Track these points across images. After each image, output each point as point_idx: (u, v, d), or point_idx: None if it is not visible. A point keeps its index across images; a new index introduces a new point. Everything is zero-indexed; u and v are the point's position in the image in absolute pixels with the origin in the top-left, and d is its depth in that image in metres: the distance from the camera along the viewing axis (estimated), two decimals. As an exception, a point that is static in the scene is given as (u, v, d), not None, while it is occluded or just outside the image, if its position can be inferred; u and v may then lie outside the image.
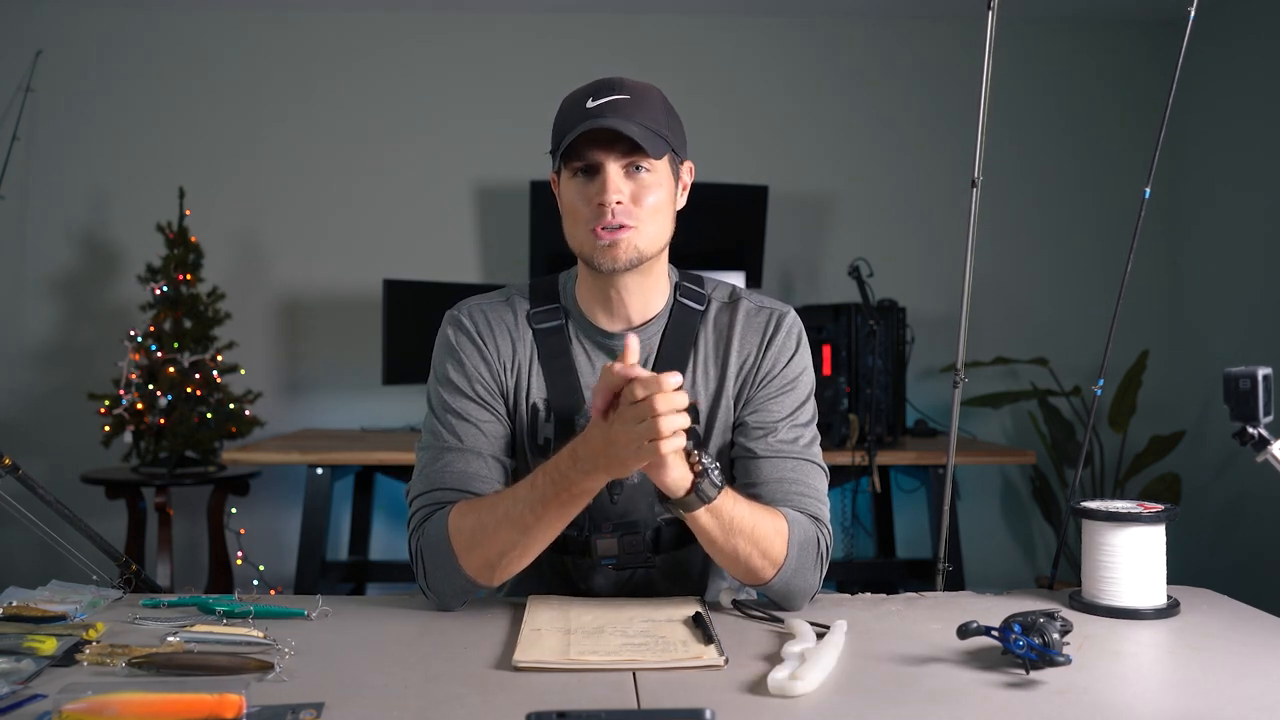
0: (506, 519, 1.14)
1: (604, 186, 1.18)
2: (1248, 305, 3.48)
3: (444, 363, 1.29)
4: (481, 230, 3.84)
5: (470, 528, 1.15)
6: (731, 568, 1.18)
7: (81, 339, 3.74)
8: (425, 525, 1.20)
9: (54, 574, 1.30)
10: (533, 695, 0.91)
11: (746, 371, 1.30)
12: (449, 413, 1.26)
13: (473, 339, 1.29)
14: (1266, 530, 3.36)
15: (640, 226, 1.20)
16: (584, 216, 1.21)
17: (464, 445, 1.24)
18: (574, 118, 1.19)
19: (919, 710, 0.88)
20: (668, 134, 1.21)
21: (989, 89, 1.70)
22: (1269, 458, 1.14)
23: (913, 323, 3.40)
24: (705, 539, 1.15)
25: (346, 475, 3.52)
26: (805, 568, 1.19)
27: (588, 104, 1.18)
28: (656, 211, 1.22)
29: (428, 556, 1.18)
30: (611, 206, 1.18)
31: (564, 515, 1.15)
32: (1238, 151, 3.55)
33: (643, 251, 1.21)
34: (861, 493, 3.73)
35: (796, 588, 1.20)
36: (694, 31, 3.88)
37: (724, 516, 1.12)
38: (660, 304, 1.31)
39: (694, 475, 1.09)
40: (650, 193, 1.20)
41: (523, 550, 1.16)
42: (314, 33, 3.83)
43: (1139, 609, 1.18)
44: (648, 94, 1.21)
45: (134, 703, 0.81)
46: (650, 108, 1.20)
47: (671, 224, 1.27)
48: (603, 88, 1.20)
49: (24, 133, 3.52)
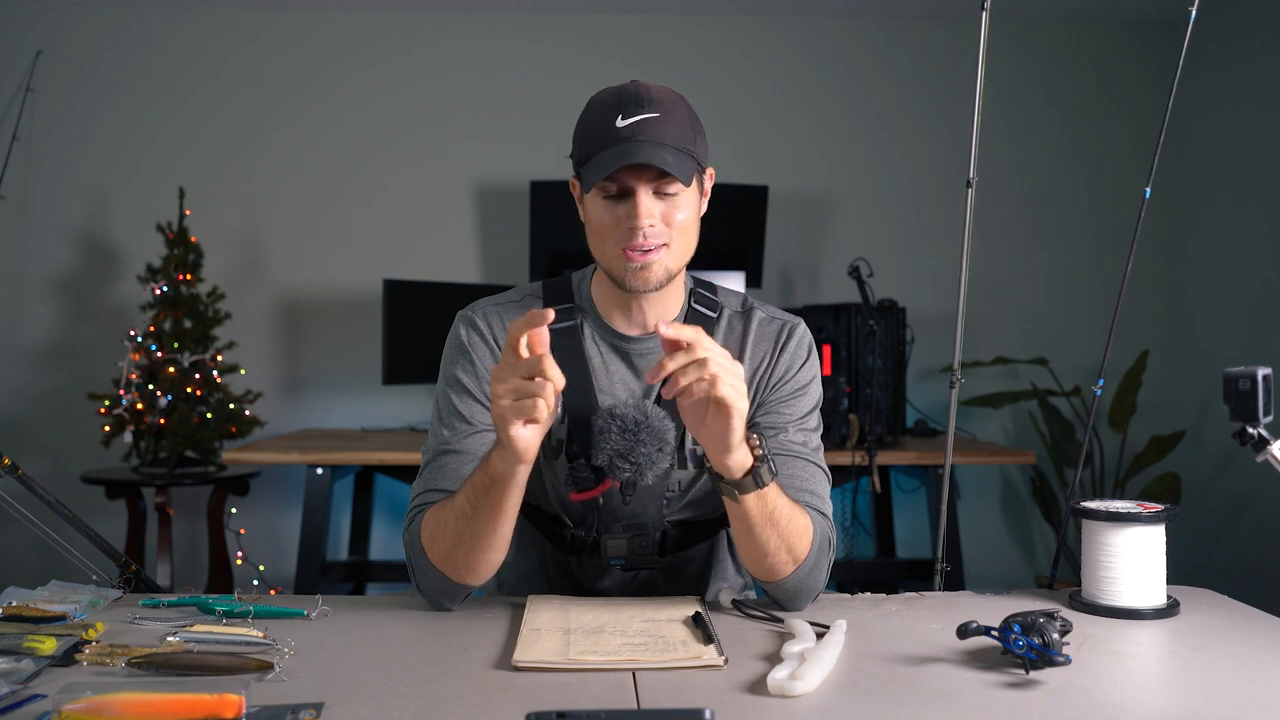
0: (453, 510, 1.15)
1: (635, 211, 1.17)
2: (1248, 305, 3.48)
3: (454, 363, 1.29)
4: (481, 230, 3.84)
5: (432, 523, 1.17)
6: (754, 561, 1.17)
7: (81, 339, 3.74)
8: (411, 525, 1.22)
9: (54, 574, 1.30)
10: (532, 695, 0.91)
11: (760, 378, 1.31)
12: (455, 415, 1.26)
13: (485, 340, 1.29)
14: (1266, 530, 3.36)
15: (671, 245, 1.21)
16: (614, 237, 1.20)
17: (464, 448, 1.23)
18: (604, 138, 1.16)
19: (918, 710, 0.88)
20: (696, 151, 1.20)
21: (984, 89, 1.70)
22: (1269, 458, 1.14)
23: (913, 323, 3.40)
24: (742, 526, 1.14)
25: (346, 475, 3.52)
26: (819, 568, 1.20)
27: (617, 123, 1.16)
28: (685, 229, 1.22)
29: (410, 555, 1.20)
30: (644, 229, 1.18)
31: (495, 505, 1.11)
32: (1238, 152, 3.55)
33: (672, 271, 1.23)
34: (861, 493, 3.73)
35: (807, 587, 1.20)
36: (694, 31, 3.88)
37: (768, 505, 1.12)
38: (676, 309, 1.32)
39: (754, 459, 1.10)
40: (679, 211, 1.20)
41: (471, 543, 1.14)
42: (314, 33, 3.83)
43: (1139, 609, 1.18)
44: (675, 108, 1.19)
45: (133, 703, 0.81)
46: (678, 123, 1.18)
47: (697, 236, 1.26)
48: (629, 101, 1.17)
49: (24, 133, 3.52)
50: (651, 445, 1.17)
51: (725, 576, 1.42)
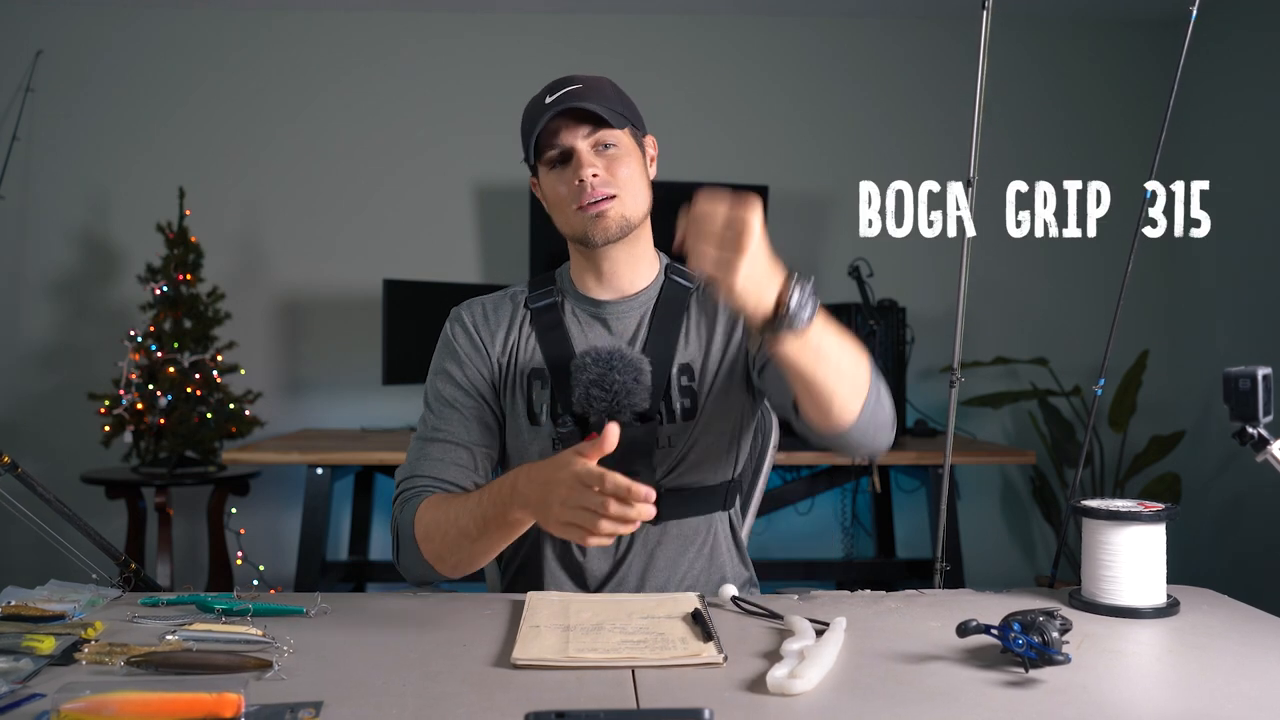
0: (455, 524, 1.20)
1: (579, 163, 1.28)
2: (1248, 305, 3.48)
3: (441, 354, 1.40)
4: (481, 230, 3.84)
5: (429, 521, 1.23)
6: (822, 412, 1.12)
7: (81, 339, 3.74)
8: (403, 506, 1.29)
9: (53, 573, 1.30)
10: (531, 693, 0.91)
11: (741, 324, 1.35)
12: (439, 401, 1.36)
13: (469, 332, 1.39)
14: (1266, 530, 3.36)
15: (621, 194, 1.29)
16: (567, 198, 1.30)
17: (448, 436, 1.33)
18: (537, 114, 1.29)
19: (918, 708, 0.88)
20: (623, 110, 1.31)
21: (984, 88, 1.70)
22: (1269, 458, 1.14)
23: (913, 323, 3.40)
24: (798, 379, 1.10)
25: (346, 475, 3.52)
26: (881, 397, 1.17)
27: (546, 100, 1.28)
28: (631, 182, 1.30)
29: (399, 537, 1.28)
30: (589, 180, 1.27)
31: (502, 536, 1.17)
32: (1238, 151, 3.55)
33: (629, 219, 1.31)
34: (861, 493, 3.73)
35: (879, 420, 1.17)
36: (694, 32, 3.88)
37: (811, 344, 1.05)
38: (650, 276, 1.40)
39: (778, 308, 1.01)
40: (622, 164, 1.30)
41: (468, 555, 1.21)
42: (314, 33, 3.83)
43: (1139, 608, 1.17)
44: (599, 81, 1.32)
45: (132, 702, 0.81)
46: (602, 92, 1.30)
47: (649, 193, 1.35)
48: (556, 85, 1.30)
49: (24, 133, 3.52)
50: (627, 374, 1.24)
51: (726, 573, 1.42)
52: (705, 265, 0.95)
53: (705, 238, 0.94)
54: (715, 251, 0.94)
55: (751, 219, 0.93)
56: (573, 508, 1.01)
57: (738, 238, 0.93)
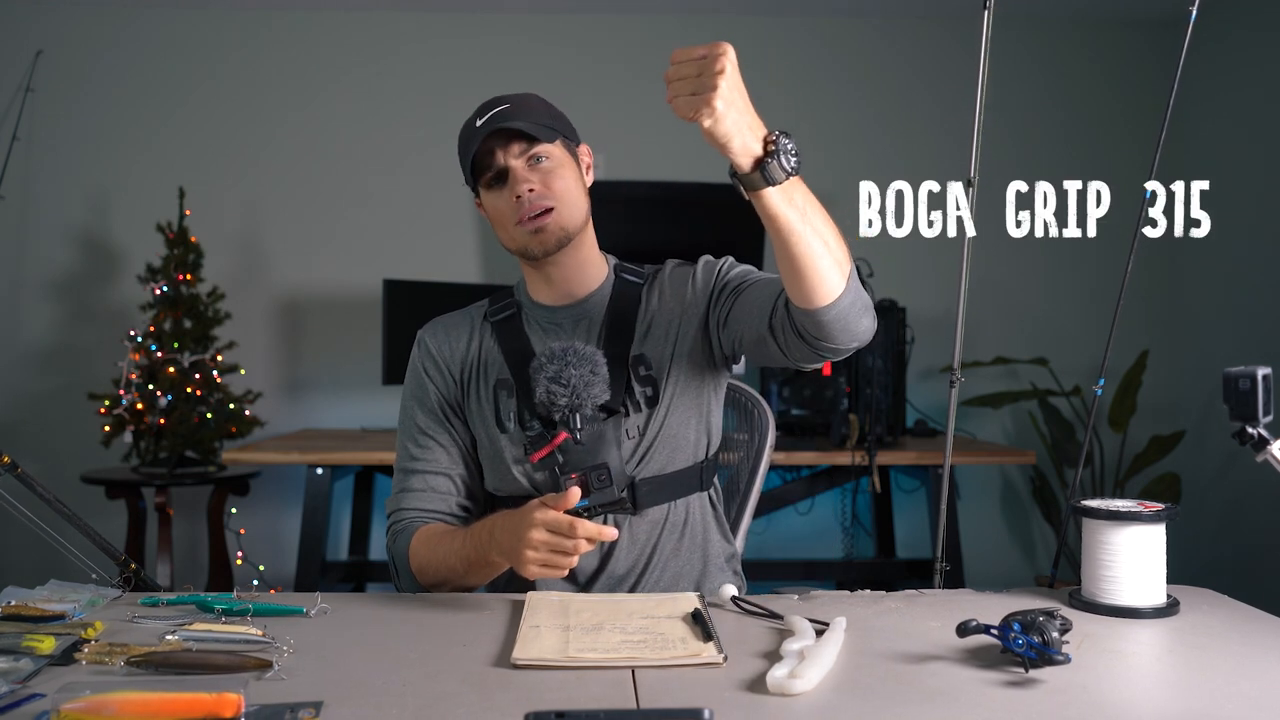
0: (444, 563, 1.29)
1: (514, 180, 1.32)
2: (1248, 305, 3.48)
3: (410, 382, 1.47)
4: (482, 230, 3.84)
5: (423, 557, 1.32)
6: (804, 276, 1.13)
7: (81, 339, 3.74)
8: (395, 538, 1.37)
9: (53, 573, 1.29)
10: (531, 693, 0.91)
11: (692, 300, 1.40)
12: (415, 429, 1.43)
13: (431, 355, 1.44)
14: (1266, 530, 3.36)
15: (559, 206, 1.33)
16: (507, 215, 1.34)
17: (426, 466, 1.40)
18: (470, 138, 1.34)
19: (918, 708, 0.88)
20: (552, 123, 1.35)
21: (985, 88, 1.70)
22: (1269, 458, 1.14)
23: (913, 323, 3.40)
24: (781, 241, 1.11)
25: (346, 475, 3.52)
26: (858, 281, 1.21)
27: (477, 124, 1.33)
28: (567, 191, 1.34)
29: (396, 566, 1.37)
30: (526, 196, 1.31)
31: (487, 574, 1.29)
32: (1239, 151, 3.55)
33: (567, 229, 1.35)
34: (861, 493, 3.73)
35: (863, 300, 1.20)
36: (694, 32, 3.88)
37: (798, 201, 1.09)
38: (599, 279, 1.44)
39: (764, 152, 1.03)
40: (556, 177, 1.34)
41: (461, 586, 1.32)
42: (314, 33, 3.83)
43: (1139, 608, 1.17)
44: (526, 99, 1.36)
45: (132, 702, 0.81)
46: (530, 109, 1.34)
47: (587, 200, 1.39)
48: (486, 107, 1.35)
49: (24, 133, 3.52)
50: (583, 367, 1.28)
51: (710, 550, 1.43)
52: (682, 109, 0.98)
53: (682, 81, 0.98)
54: (691, 88, 0.97)
55: (723, 53, 0.97)
56: (544, 553, 1.13)
57: (712, 73, 0.96)
